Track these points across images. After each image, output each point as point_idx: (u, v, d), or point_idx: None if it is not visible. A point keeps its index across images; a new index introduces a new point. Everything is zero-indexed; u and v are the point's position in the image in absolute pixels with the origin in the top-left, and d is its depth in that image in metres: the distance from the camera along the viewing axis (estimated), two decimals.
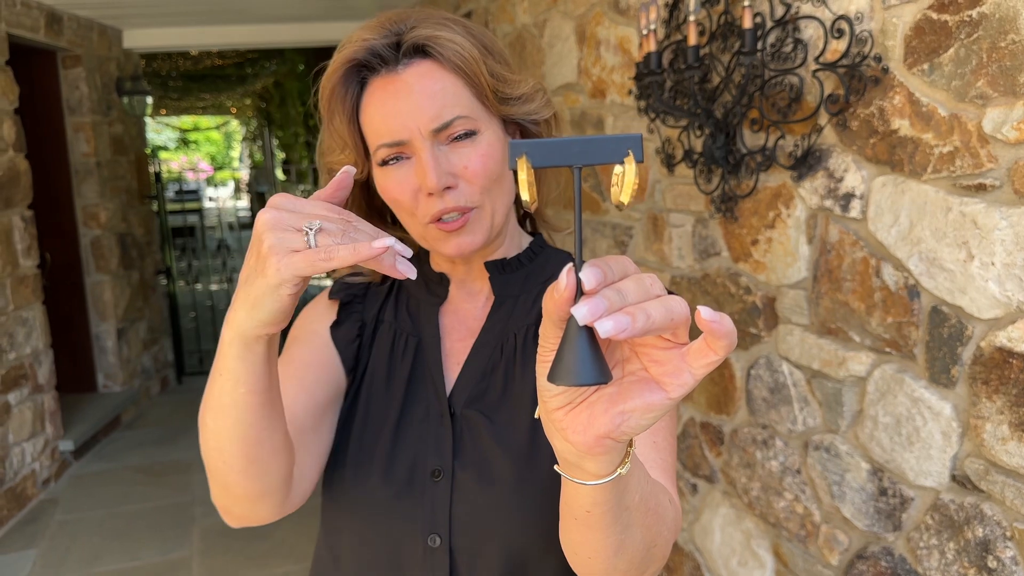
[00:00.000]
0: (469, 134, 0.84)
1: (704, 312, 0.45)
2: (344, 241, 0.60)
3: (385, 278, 1.02)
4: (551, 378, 0.46)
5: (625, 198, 0.47)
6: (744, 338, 2.04)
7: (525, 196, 0.48)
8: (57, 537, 3.61)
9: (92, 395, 5.17)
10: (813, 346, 1.77)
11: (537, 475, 0.84)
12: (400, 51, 0.83)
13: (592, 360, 0.45)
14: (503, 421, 0.88)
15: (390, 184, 0.85)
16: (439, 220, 0.84)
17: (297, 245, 0.60)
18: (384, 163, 0.85)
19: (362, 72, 0.84)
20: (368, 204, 0.97)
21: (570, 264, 0.46)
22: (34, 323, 4.11)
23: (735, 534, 2.17)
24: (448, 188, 0.83)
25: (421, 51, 0.84)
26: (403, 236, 0.99)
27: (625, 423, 0.50)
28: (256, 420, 0.72)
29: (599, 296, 0.44)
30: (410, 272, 0.61)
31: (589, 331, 0.45)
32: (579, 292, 0.45)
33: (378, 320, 0.98)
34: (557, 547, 0.81)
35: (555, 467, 0.58)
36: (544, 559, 0.85)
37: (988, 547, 1.37)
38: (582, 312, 0.44)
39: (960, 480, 1.42)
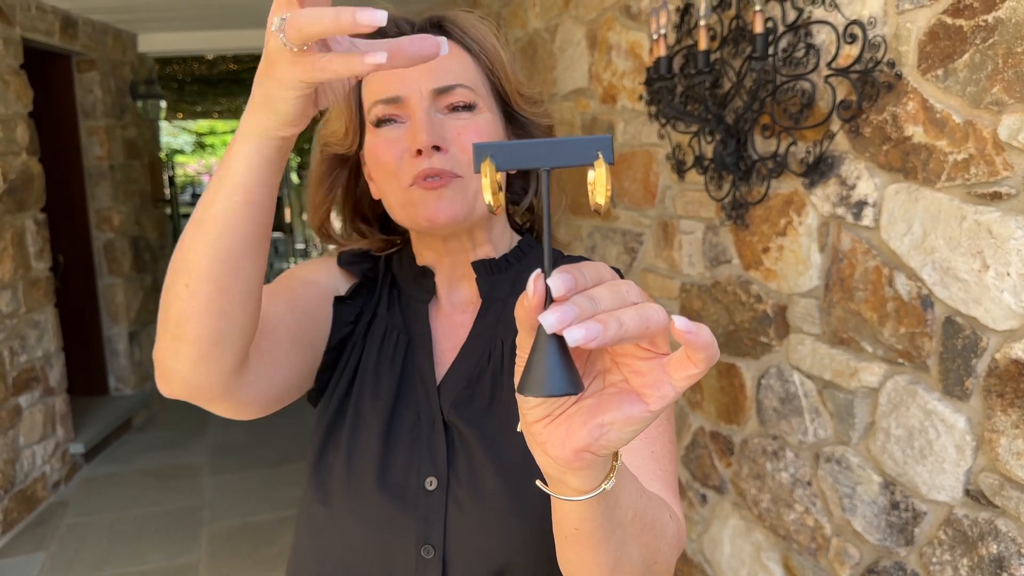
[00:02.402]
0: (468, 107, 0.83)
1: (679, 322, 0.43)
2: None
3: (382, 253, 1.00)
4: (520, 389, 0.45)
5: (601, 200, 0.46)
6: (755, 347, 2.01)
7: (488, 200, 0.46)
8: (66, 540, 3.62)
9: (103, 398, 5.19)
10: (825, 356, 1.75)
11: (530, 489, 0.82)
12: (415, 26, 0.84)
13: (562, 370, 0.43)
14: (493, 430, 0.85)
15: (379, 143, 0.84)
16: (423, 181, 0.81)
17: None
18: (379, 123, 0.84)
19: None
20: (354, 204, 0.96)
21: (538, 271, 0.44)
22: (46, 326, 4.12)
23: (745, 546, 2.13)
24: (437, 148, 0.81)
25: (438, 28, 0.84)
26: (384, 241, 0.98)
27: (604, 436, 0.48)
28: (243, 236, 0.64)
29: (569, 303, 0.42)
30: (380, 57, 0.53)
31: (559, 340, 0.43)
32: (549, 299, 0.43)
33: (375, 313, 0.96)
34: (551, 563, 0.79)
35: (537, 483, 0.56)
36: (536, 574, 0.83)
37: (1002, 564, 1.33)
38: (550, 320, 0.42)
39: (974, 495, 1.39)
